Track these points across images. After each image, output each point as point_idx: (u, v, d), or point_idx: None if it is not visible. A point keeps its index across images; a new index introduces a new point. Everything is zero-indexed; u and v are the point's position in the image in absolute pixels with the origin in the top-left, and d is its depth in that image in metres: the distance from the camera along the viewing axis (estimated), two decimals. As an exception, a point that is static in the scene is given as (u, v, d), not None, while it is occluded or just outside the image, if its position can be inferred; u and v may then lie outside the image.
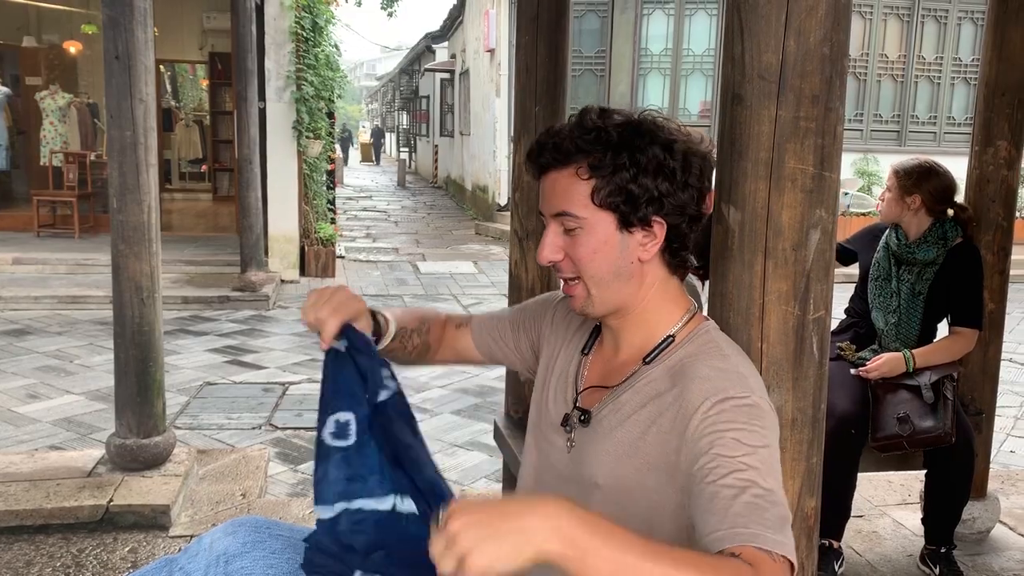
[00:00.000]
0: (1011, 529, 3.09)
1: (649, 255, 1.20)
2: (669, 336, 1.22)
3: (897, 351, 2.65)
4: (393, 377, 1.31)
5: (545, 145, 1.19)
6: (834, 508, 2.52)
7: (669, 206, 1.17)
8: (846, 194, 2.83)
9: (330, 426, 1.27)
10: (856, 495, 2.74)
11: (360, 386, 1.28)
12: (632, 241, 1.18)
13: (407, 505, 1.25)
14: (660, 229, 1.19)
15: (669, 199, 1.16)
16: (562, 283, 1.27)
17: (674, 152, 1.17)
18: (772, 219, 1.26)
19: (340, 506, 1.26)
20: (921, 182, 2.66)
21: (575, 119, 1.20)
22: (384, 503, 1.26)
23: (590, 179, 1.15)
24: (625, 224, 1.17)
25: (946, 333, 2.73)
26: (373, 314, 1.40)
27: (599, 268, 1.19)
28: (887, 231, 2.80)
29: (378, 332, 1.40)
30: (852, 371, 2.68)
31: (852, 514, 2.71)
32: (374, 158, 33.81)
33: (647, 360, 1.22)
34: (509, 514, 0.81)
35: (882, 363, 2.62)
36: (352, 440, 1.26)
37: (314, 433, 1.32)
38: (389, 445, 1.25)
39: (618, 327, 1.27)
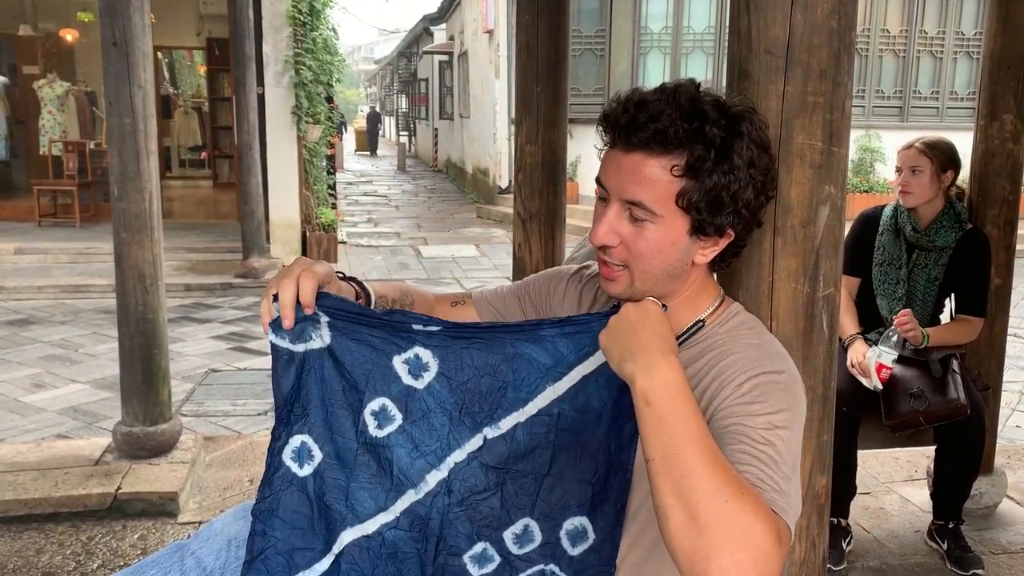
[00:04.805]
0: (1018, 504, 3.09)
1: (705, 259, 1.16)
2: (699, 321, 1.18)
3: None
4: (418, 319, 1.21)
5: (642, 125, 1.07)
6: (838, 486, 2.51)
7: (745, 218, 1.12)
8: None
9: (360, 425, 1.20)
10: (863, 472, 2.74)
11: (379, 353, 1.19)
12: (696, 246, 1.14)
13: (503, 426, 1.19)
14: (726, 240, 1.15)
15: (748, 211, 1.11)
16: (600, 263, 1.18)
17: (766, 153, 1.12)
18: (781, 196, 1.24)
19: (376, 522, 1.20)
20: (953, 156, 2.64)
21: (668, 95, 1.08)
22: (465, 449, 1.19)
23: (682, 178, 1.07)
24: (698, 230, 1.11)
25: (946, 320, 2.73)
26: (346, 280, 1.28)
27: (655, 266, 1.13)
28: (888, 215, 2.76)
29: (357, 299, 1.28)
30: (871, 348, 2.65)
31: (859, 491, 2.70)
32: (369, 148, 27.83)
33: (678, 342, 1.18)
34: (645, 341, 1.02)
35: (913, 320, 2.56)
36: (398, 421, 1.20)
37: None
38: (484, 353, 1.19)
39: None
